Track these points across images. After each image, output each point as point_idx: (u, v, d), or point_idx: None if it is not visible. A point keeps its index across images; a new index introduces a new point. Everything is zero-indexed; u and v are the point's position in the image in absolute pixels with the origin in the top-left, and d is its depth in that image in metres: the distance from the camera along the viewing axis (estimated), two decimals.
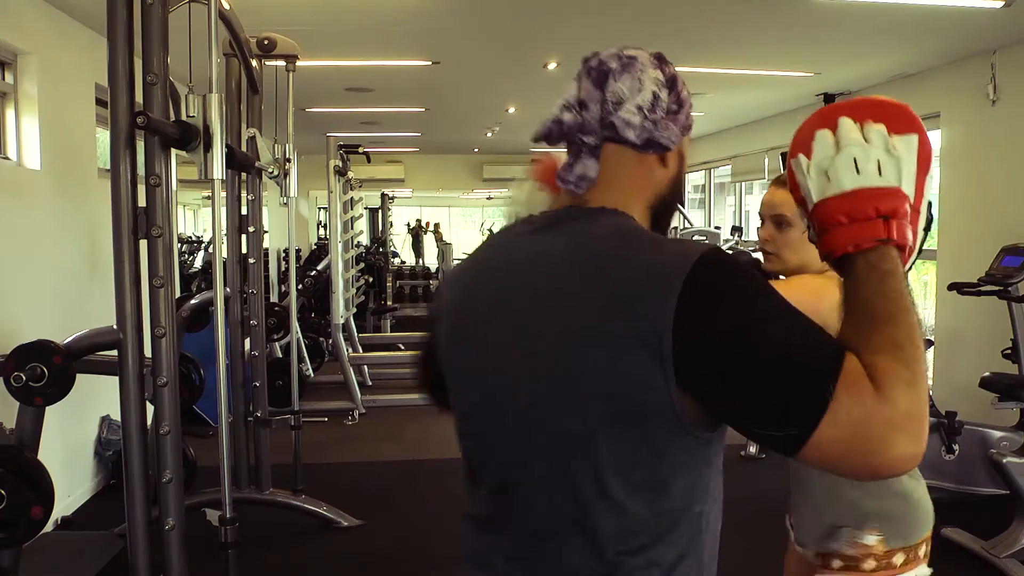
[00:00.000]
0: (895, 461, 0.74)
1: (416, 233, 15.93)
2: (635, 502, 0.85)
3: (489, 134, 9.15)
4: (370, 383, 6.80)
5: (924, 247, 1.01)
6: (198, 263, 10.15)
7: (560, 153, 1.04)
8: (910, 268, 0.90)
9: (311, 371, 6.89)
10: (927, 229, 1.00)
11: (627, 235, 0.90)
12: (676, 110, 0.96)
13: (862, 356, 0.77)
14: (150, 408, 1.98)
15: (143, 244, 1.92)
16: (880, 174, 0.84)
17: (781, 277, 1.68)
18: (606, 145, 0.95)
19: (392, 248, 12.93)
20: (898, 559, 1.53)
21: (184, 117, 1.98)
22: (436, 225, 16.06)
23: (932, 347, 4.69)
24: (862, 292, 0.83)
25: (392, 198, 11.61)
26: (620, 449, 0.84)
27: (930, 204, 0.95)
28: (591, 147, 0.96)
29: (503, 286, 0.94)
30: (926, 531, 1.57)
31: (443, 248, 12.25)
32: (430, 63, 5.12)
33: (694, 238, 7.91)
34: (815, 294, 1.35)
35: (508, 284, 0.94)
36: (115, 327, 1.93)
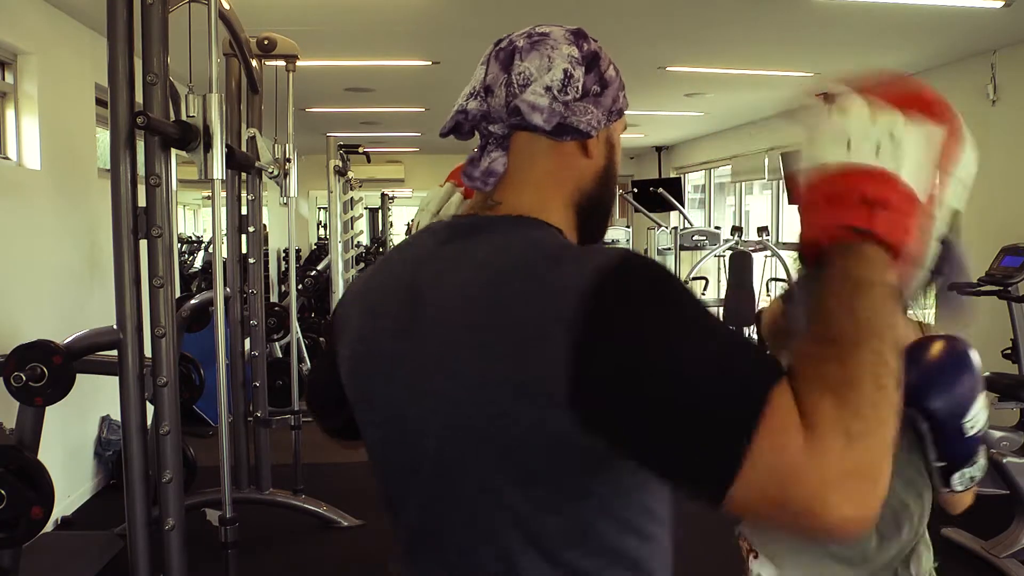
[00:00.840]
0: (833, 526, 0.60)
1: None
2: (565, 550, 0.74)
3: None
4: None
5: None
6: (198, 263, 10.14)
7: None
8: (917, 289, 0.77)
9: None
10: (947, 245, 0.74)
11: (526, 253, 0.76)
12: (598, 91, 0.84)
13: (804, 391, 0.62)
14: (150, 408, 1.98)
15: (143, 244, 1.92)
16: (876, 156, 0.69)
17: None
18: (516, 134, 0.83)
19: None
20: None
21: (184, 117, 1.98)
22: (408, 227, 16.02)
23: None
24: (827, 304, 0.66)
25: (392, 198, 11.61)
26: (537, 497, 0.73)
27: (957, 214, 0.74)
28: (499, 137, 0.84)
29: (410, 309, 0.81)
30: None
31: None
32: (430, 63, 5.12)
33: (694, 238, 7.92)
34: None
35: (415, 308, 0.80)
36: (115, 327, 1.93)
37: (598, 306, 0.67)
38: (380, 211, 11.56)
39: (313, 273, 7.32)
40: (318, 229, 13.10)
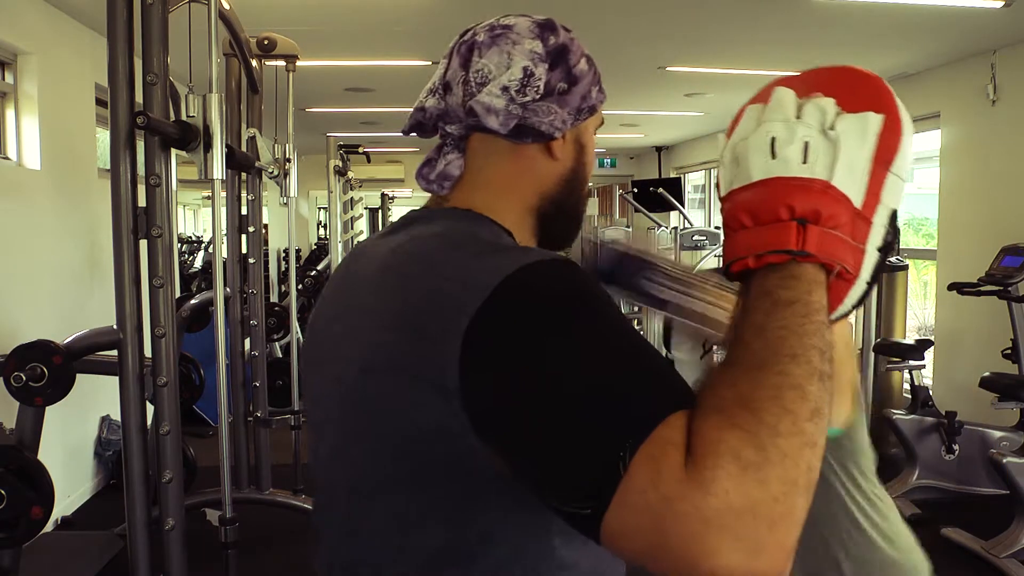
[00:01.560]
0: (715, 572, 0.50)
1: None
2: (445, 569, 0.67)
3: None
4: None
5: (924, 248, 0.68)
6: (198, 263, 10.14)
7: None
8: (857, 305, 0.65)
9: None
10: (886, 250, 0.64)
11: (447, 241, 0.71)
12: (564, 89, 0.78)
13: (697, 415, 0.54)
14: (150, 408, 1.98)
15: (143, 244, 1.92)
16: (804, 161, 0.61)
17: None
18: (474, 135, 0.79)
19: None
20: None
21: (184, 117, 1.98)
22: None
23: (932, 347, 4.69)
24: (741, 326, 0.59)
25: (392, 198, 11.60)
26: (418, 509, 0.67)
27: (894, 215, 0.65)
28: (456, 138, 0.79)
29: (338, 302, 0.79)
30: None
31: None
32: (430, 63, 5.12)
33: (694, 238, 7.91)
34: None
35: (341, 300, 0.78)
36: (115, 327, 1.93)
37: (507, 302, 0.61)
38: (380, 211, 11.56)
39: (313, 273, 7.32)
40: (318, 229, 13.11)
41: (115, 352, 1.96)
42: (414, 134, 0.85)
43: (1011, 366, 3.94)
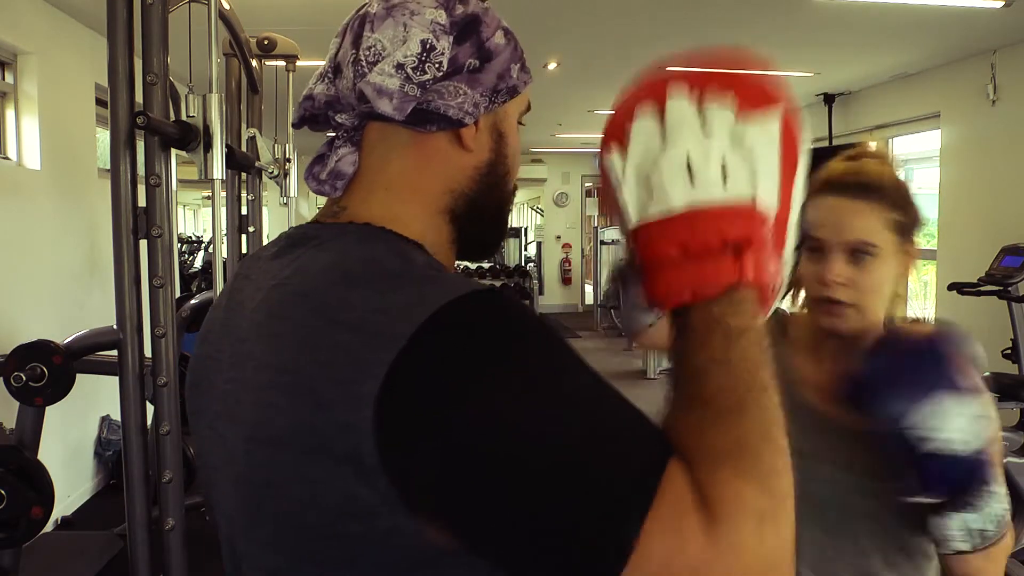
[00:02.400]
0: None
1: None
2: None
3: None
4: None
5: (924, 248, 0.69)
6: (198, 263, 10.14)
7: None
8: (772, 312, 0.63)
9: None
10: (799, 248, 0.64)
11: (343, 276, 0.58)
12: (475, 66, 0.66)
13: (695, 468, 0.50)
14: (150, 408, 1.98)
15: (143, 244, 1.92)
16: (726, 183, 0.57)
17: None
18: (369, 125, 0.67)
19: None
20: None
21: (184, 117, 1.98)
22: None
23: None
24: (697, 360, 0.55)
25: None
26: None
27: (803, 210, 0.65)
28: (348, 129, 0.68)
29: (221, 347, 0.66)
30: None
31: None
32: None
33: None
34: None
35: (224, 344, 0.66)
36: (115, 327, 1.93)
37: (439, 348, 0.51)
38: None
39: None
40: None
41: (115, 352, 1.96)
42: (305, 128, 0.73)
43: (1011, 366, 3.94)
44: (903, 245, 1.02)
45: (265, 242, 4.17)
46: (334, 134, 0.70)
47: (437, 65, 0.64)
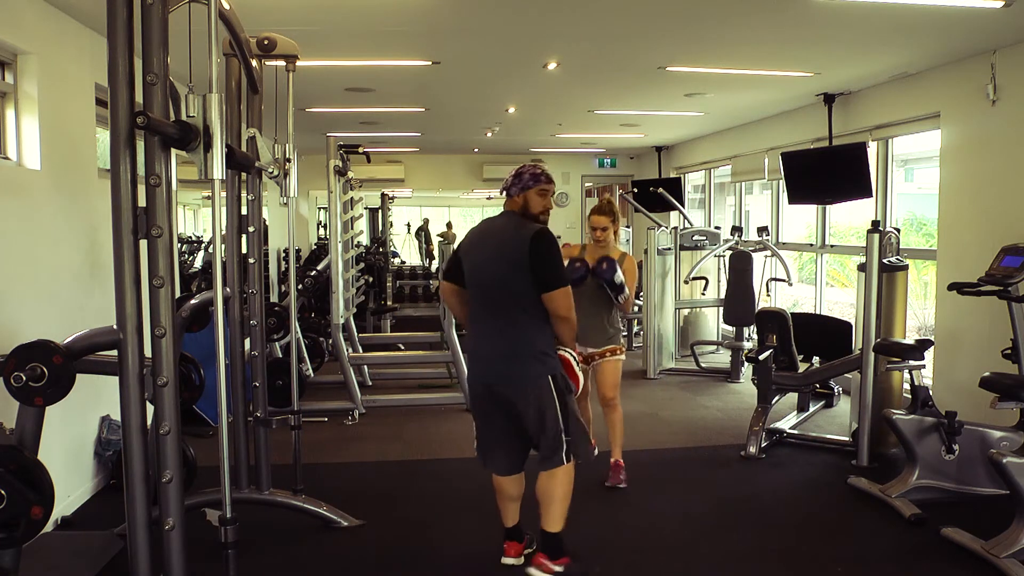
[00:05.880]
0: (570, 318, 3.12)
1: (426, 235, 15.96)
2: (534, 314, 3.00)
3: (489, 134, 9.15)
4: (370, 383, 6.80)
5: (924, 248, 0.77)
6: (198, 263, 10.15)
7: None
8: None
9: (311, 371, 6.89)
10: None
11: (515, 222, 3.08)
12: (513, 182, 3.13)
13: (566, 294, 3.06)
14: (150, 408, 1.98)
15: (143, 244, 1.92)
16: None
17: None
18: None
19: (392, 248, 12.93)
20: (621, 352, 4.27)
21: (184, 117, 1.98)
22: (448, 225, 16.20)
23: (932, 347, 4.69)
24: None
25: (392, 198, 11.60)
26: (524, 295, 2.98)
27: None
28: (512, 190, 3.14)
29: (487, 239, 3.14)
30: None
31: (444, 249, 12.28)
32: (430, 63, 5.12)
33: (694, 238, 7.91)
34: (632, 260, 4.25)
35: (488, 239, 3.13)
36: (115, 327, 1.93)
37: (534, 240, 2.95)
38: (380, 211, 11.56)
39: (313, 273, 7.32)
40: (318, 229, 13.11)
41: (115, 352, 1.96)
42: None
43: (1011, 366, 3.94)
44: (614, 225, 4.18)
45: (265, 242, 4.17)
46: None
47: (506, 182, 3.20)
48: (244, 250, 3.60)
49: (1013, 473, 3.14)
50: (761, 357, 4.89)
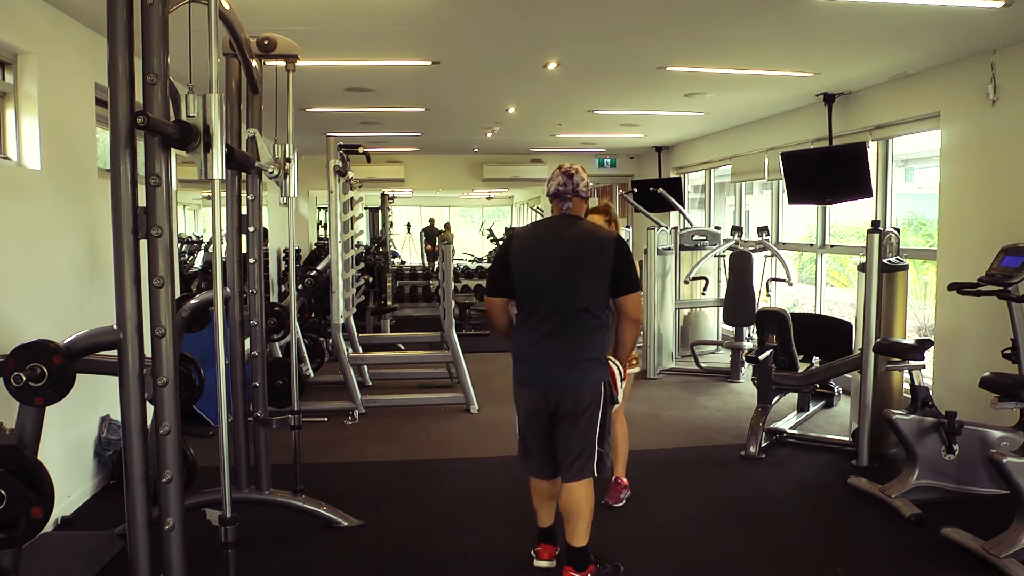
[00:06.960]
0: (638, 319, 3.14)
1: (431, 234, 15.96)
2: (598, 310, 2.99)
3: (489, 134, 9.15)
4: (370, 383, 6.80)
5: (924, 248, 0.81)
6: (198, 263, 10.15)
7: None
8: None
9: (311, 371, 6.89)
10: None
11: (587, 225, 3.13)
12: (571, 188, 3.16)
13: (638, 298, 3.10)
14: (150, 408, 1.98)
15: (143, 244, 1.92)
16: None
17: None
18: (575, 197, 3.14)
19: (392, 248, 12.93)
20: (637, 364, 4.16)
21: (184, 117, 1.98)
22: (446, 225, 16.19)
23: (932, 347, 4.69)
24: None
25: (392, 198, 11.60)
26: (595, 291, 3.00)
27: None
28: (568, 197, 3.14)
29: (553, 242, 3.05)
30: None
31: (445, 249, 12.27)
32: (430, 63, 5.12)
33: (694, 238, 7.92)
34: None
35: (556, 242, 3.04)
36: (115, 327, 1.93)
37: (619, 243, 3.01)
38: (380, 211, 11.56)
39: (313, 273, 7.31)
40: (318, 229, 13.11)
41: (115, 352, 1.96)
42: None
43: (1011, 366, 3.94)
44: (610, 226, 3.73)
45: (265, 241, 4.17)
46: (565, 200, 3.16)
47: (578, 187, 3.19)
48: (244, 250, 3.60)
49: (1013, 473, 3.14)
50: (761, 357, 4.89)
